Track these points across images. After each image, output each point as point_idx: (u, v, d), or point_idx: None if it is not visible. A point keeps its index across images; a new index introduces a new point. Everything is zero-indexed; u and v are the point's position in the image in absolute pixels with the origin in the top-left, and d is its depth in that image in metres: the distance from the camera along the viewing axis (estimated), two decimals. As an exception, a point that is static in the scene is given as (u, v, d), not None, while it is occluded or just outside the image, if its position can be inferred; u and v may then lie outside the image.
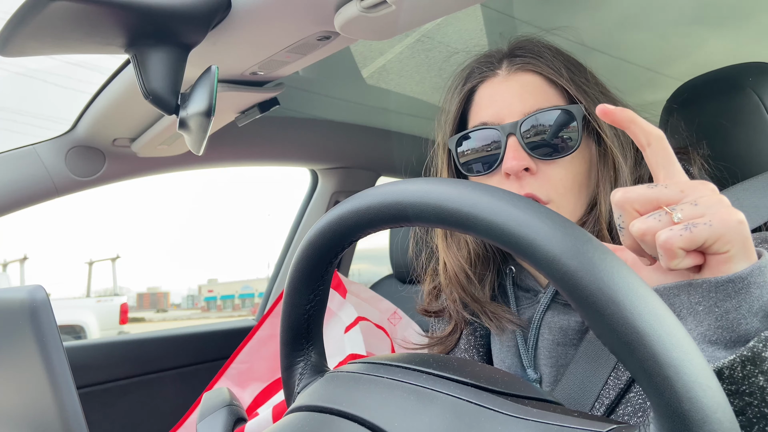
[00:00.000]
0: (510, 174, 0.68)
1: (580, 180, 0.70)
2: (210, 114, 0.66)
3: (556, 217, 0.33)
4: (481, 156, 0.72)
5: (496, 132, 0.69)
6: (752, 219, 0.69)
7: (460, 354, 0.81)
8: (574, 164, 0.69)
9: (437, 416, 0.37)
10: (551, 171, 0.68)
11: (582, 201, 0.71)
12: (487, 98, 0.73)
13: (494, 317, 0.75)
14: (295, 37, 0.75)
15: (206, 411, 0.69)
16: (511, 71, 0.72)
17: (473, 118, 0.75)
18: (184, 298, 44.08)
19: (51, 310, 0.51)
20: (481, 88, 0.74)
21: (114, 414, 1.53)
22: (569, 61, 0.73)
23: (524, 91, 0.70)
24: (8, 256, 23.23)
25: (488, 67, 0.74)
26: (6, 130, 9.26)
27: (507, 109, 0.70)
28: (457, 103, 0.76)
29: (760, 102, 0.76)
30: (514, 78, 0.72)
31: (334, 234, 0.44)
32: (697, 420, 0.28)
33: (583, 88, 0.70)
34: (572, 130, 0.68)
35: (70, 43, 0.65)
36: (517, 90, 0.70)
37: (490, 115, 0.71)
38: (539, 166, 0.68)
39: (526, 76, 0.71)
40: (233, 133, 1.41)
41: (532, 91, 0.70)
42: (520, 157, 0.67)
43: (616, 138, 0.70)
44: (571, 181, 0.69)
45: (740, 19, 1.34)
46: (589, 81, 0.72)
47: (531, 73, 0.71)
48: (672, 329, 0.29)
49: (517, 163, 0.67)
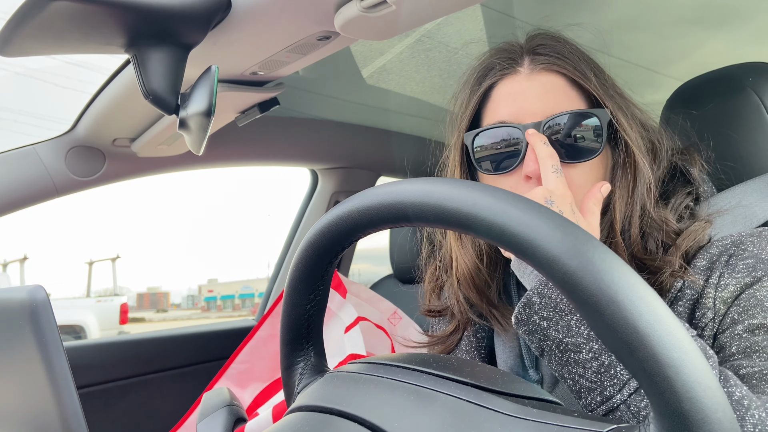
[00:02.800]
0: (531, 177, 0.66)
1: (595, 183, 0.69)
2: (210, 114, 0.66)
3: (556, 217, 0.33)
4: (498, 154, 0.69)
5: (518, 131, 0.67)
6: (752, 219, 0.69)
7: (461, 355, 0.81)
8: (595, 168, 0.68)
9: (437, 416, 0.37)
10: (572, 174, 0.67)
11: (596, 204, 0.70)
12: (508, 96, 0.70)
13: (502, 318, 0.75)
14: (295, 37, 0.74)
15: (206, 411, 0.70)
16: (534, 70, 0.70)
17: (490, 114, 0.72)
18: (184, 298, 44.08)
19: (51, 310, 0.51)
20: (501, 84, 0.72)
21: (114, 414, 1.53)
22: (593, 63, 0.72)
23: (547, 91, 0.68)
24: (8, 256, 23.24)
25: (509, 63, 0.71)
26: (6, 130, 9.26)
27: (528, 109, 0.68)
28: (476, 98, 0.73)
29: (760, 102, 0.76)
30: (537, 77, 0.69)
31: (334, 234, 0.44)
32: (697, 420, 0.28)
33: (609, 93, 0.69)
34: (597, 134, 0.66)
35: (70, 43, 0.65)
36: (540, 90, 0.68)
37: (509, 113, 0.69)
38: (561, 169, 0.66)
39: (549, 76, 0.69)
40: (233, 133, 1.41)
41: (555, 92, 0.68)
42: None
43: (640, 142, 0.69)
44: (591, 185, 0.67)
45: (740, 20, 1.34)
46: (608, 84, 0.71)
47: (555, 74, 0.69)
48: (672, 329, 0.29)
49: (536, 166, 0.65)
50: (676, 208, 0.69)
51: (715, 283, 0.61)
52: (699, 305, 0.62)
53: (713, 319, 0.60)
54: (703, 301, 0.61)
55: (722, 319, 0.60)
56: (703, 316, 0.61)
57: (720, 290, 0.60)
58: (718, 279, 0.61)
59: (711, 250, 0.64)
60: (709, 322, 0.60)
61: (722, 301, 0.60)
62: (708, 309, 0.61)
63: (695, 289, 0.62)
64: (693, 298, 0.62)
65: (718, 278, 0.61)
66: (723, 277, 0.61)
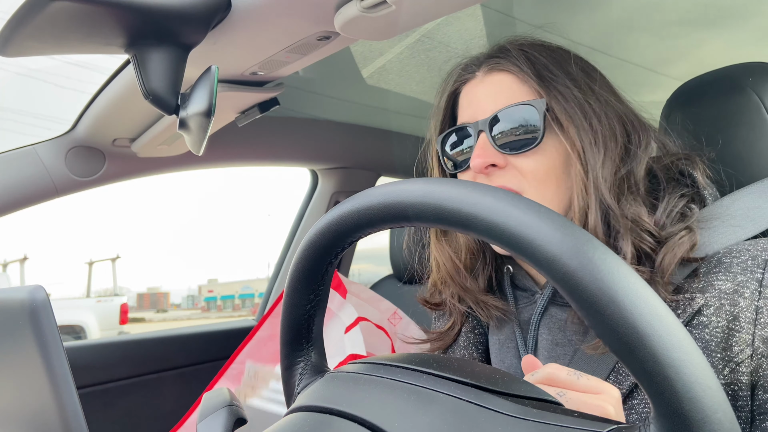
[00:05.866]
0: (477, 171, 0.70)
1: (557, 173, 0.69)
2: (210, 114, 0.66)
3: (556, 218, 0.33)
4: (458, 153, 0.76)
5: (470, 129, 0.73)
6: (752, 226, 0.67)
7: (459, 351, 0.82)
8: (547, 157, 0.69)
9: (437, 416, 0.37)
10: (522, 164, 0.70)
11: (560, 195, 0.70)
12: (466, 100, 0.76)
13: (484, 306, 0.77)
14: (295, 37, 0.74)
15: (206, 411, 0.69)
16: (486, 72, 0.74)
17: (458, 119, 0.78)
18: (184, 298, 44.05)
19: (51, 311, 0.51)
20: (463, 90, 0.77)
21: (114, 414, 1.53)
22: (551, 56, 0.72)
23: (496, 90, 0.72)
24: (8, 256, 23.23)
25: (467, 70, 0.77)
26: (6, 130, 9.26)
27: (481, 108, 0.72)
28: (444, 104, 0.80)
29: (760, 102, 0.76)
30: (488, 78, 0.74)
31: (334, 234, 0.44)
32: (697, 420, 0.28)
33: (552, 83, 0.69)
34: (534, 123, 0.69)
35: (70, 43, 0.65)
36: (491, 90, 0.73)
37: (468, 115, 0.74)
38: (510, 161, 0.70)
39: (498, 76, 0.73)
40: (233, 133, 1.41)
41: (503, 89, 0.72)
42: (485, 154, 0.70)
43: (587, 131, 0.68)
44: (544, 173, 0.69)
45: (740, 20, 1.34)
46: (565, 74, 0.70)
47: (502, 73, 0.73)
48: (672, 329, 0.29)
49: (481, 160, 0.69)
50: (668, 211, 0.67)
51: (753, 319, 0.58)
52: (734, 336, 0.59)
53: (751, 357, 0.58)
54: (740, 335, 0.58)
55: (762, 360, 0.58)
56: (741, 352, 0.58)
57: (761, 328, 0.58)
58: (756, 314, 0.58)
59: (733, 269, 0.61)
60: (745, 359, 0.58)
61: (763, 340, 0.58)
62: (746, 345, 0.58)
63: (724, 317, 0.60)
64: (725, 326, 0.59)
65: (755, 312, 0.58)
66: (763, 314, 0.58)
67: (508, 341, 0.77)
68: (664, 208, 0.67)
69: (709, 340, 0.59)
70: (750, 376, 0.58)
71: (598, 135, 0.68)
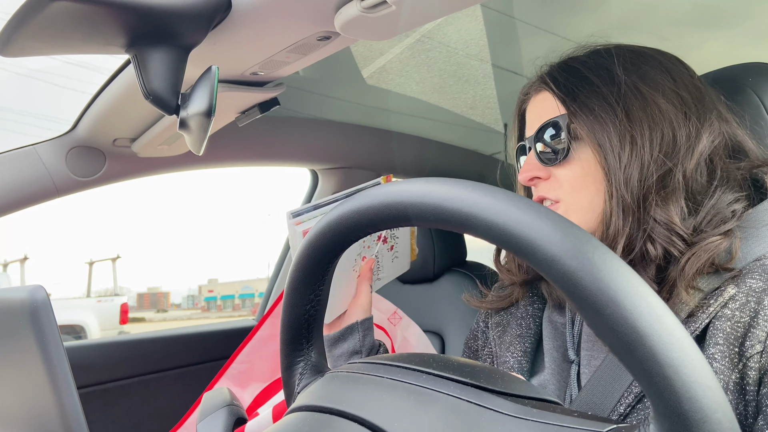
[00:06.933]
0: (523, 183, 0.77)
1: (593, 178, 0.71)
2: (210, 114, 0.66)
3: (555, 218, 0.33)
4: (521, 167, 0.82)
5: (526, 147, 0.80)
6: None
7: (516, 321, 0.84)
8: (580, 165, 0.72)
9: (437, 416, 0.37)
10: (559, 174, 0.74)
11: (599, 200, 0.70)
12: (527, 119, 0.81)
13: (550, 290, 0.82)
14: (295, 37, 0.75)
15: (206, 411, 0.70)
16: (535, 92, 0.80)
17: None
18: (184, 298, 44.02)
19: (51, 310, 0.51)
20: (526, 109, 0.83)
21: (114, 414, 1.53)
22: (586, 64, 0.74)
23: (540, 107, 0.78)
24: (8, 256, 23.23)
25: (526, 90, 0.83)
26: (6, 130, 9.26)
27: (531, 126, 0.78)
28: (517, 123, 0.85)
29: (760, 102, 0.76)
30: (536, 97, 0.79)
31: (334, 234, 0.44)
32: (696, 420, 0.28)
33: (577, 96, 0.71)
34: (562, 136, 0.73)
35: (70, 43, 0.65)
36: (536, 108, 0.79)
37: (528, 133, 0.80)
38: (552, 172, 0.74)
39: (542, 95, 0.78)
40: (233, 133, 1.41)
41: (544, 107, 0.76)
42: (528, 169, 0.75)
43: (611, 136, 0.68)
44: (581, 179, 0.72)
45: (740, 20, 1.34)
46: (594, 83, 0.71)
47: (543, 92, 0.78)
48: (672, 329, 0.29)
49: (524, 174, 0.75)
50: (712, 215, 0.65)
51: None
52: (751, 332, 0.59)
53: (761, 353, 0.58)
54: (755, 331, 0.58)
55: None
56: (752, 347, 0.58)
57: None
58: None
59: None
60: (755, 354, 0.58)
61: None
62: (758, 342, 0.58)
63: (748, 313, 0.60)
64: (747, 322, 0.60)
65: None
66: None
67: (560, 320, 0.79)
68: (707, 212, 0.66)
69: (730, 332, 0.60)
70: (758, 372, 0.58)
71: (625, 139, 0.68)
